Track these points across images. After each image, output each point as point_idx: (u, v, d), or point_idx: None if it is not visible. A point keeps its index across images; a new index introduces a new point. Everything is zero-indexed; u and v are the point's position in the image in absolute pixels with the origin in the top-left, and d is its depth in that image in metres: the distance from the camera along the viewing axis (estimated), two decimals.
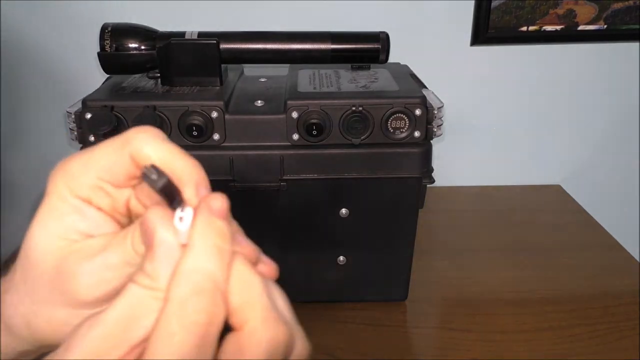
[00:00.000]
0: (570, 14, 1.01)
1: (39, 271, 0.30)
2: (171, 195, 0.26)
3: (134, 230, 0.28)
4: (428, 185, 0.68)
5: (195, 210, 0.26)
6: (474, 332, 0.72)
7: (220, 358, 0.26)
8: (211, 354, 0.25)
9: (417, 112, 0.63)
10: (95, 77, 0.76)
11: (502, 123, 1.11)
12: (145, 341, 0.25)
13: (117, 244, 0.29)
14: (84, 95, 0.64)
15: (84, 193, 0.30)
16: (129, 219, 0.32)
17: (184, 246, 0.25)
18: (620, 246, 0.91)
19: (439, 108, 0.65)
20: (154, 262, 0.25)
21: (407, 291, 0.77)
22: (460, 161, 1.13)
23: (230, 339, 0.26)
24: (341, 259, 0.73)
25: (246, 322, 0.26)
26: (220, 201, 0.26)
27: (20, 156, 1.09)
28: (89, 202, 0.30)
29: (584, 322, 0.73)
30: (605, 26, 1.02)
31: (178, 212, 0.26)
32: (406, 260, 0.74)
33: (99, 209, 0.30)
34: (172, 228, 0.26)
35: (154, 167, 0.26)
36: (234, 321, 0.26)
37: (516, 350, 0.69)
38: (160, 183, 0.26)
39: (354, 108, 0.63)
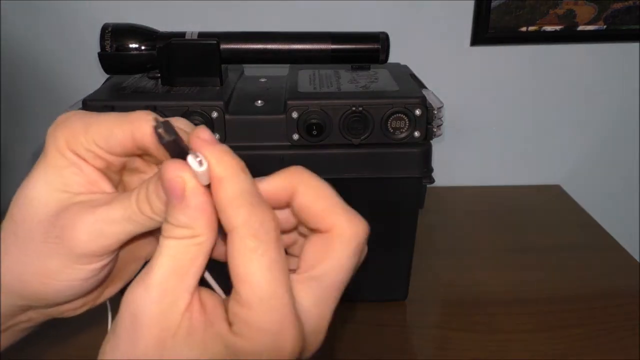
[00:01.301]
0: (570, 14, 1.01)
1: (35, 222, 0.31)
2: (177, 152, 0.27)
3: (139, 189, 0.30)
4: (428, 185, 0.68)
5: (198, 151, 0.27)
6: (474, 332, 0.72)
7: (305, 260, 0.29)
8: (283, 251, 0.27)
9: (417, 112, 0.63)
10: (95, 78, 0.76)
11: (502, 123, 1.11)
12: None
13: (121, 200, 0.30)
14: (85, 96, 0.65)
15: (81, 152, 0.31)
16: (120, 176, 0.34)
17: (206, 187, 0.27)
18: (620, 246, 0.91)
19: (438, 108, 0.65)
20: (188, 212, 0.26)
21: (407, 291, 0.77)
22: (460, 161, 1.13)
23: (315, 240, 0.30)
24: None
25: (334, 224, 0.29)
26: (204, 130, 0.28)
27: (21, 156, 1.09)
28: (84, 160, 0.31)
29: (584, 322, 0.74)
30: (605, 26, 1.02)
31: (191, 159, 0.27)
32: (406, 260, 0.74)
33: (94, 166, 0.32)
34: (195, 177, 0.27)
35: (165, 123, 0.27)
36: (320, 226, 0.29)
37: (516, 350, 0.69)
38: (167, 139, 0.26)
39: (354, 108, 0.63)
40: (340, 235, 0.29)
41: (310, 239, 0.30)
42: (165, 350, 0.26)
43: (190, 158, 0.27)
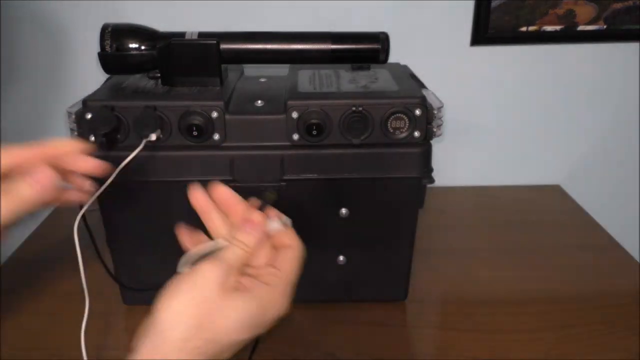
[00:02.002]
0: (570, 14, 1.01)
1: None
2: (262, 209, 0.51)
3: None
4: (428, 185, 0.69)
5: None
6: (474, 332, 0.72)
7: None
8: None
9: (417, 112, 0.64)
10: (95, 77, 0.76)
11: (502, 123, 1.12)
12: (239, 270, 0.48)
13: None
14: (85, 95, 0.65)
15: None
16: None
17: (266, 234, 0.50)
18: (620, 246, 0.92)
19: (438, 108, 0.65)
20: (252, 239, 0.49)
21: (407, 291, 0.77)
22: (460, 161, 1.14)
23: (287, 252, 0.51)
24: (341, 259, 0.73)
25: (290, 245, 0.51)
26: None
27: None
28: None
29: (584, 322, 0.74)
30: (605, 26, 1.03)
31: (278, 221, 0.51)
32: (406, 260, 0.74)
33: None
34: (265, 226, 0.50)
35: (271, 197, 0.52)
36: (287, 242, 0.51)
37: (516, 350, 0.69)
38: (265, 205, 0.52)
39: (354, 108, 0.63)
40: (297, 249, 0.51)
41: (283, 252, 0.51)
42: (225, 293, 0.45)
43: (278, 221, 0.51)
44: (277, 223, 0.50)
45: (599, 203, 1.07)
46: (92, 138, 0.62)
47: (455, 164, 1.13)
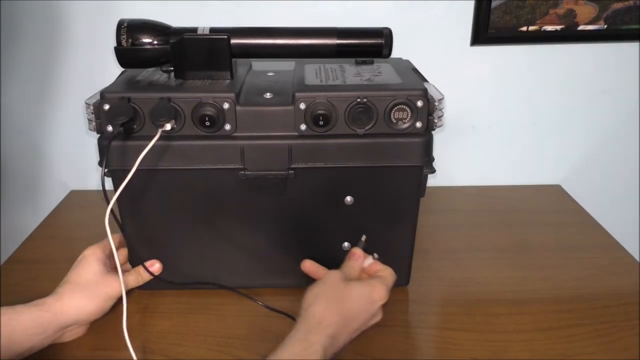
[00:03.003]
0: (570, 14, 1.06)
1: None
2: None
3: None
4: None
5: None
6: (474, 332, 0.77)
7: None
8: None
9: (419, 103, 0.70)
10: (108, 71, 0.82)
11: (502, 123, 1.16)
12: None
13: None
14: (101, 88, 0.71)
15: None
16: None
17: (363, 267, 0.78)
18: (620, 246, 0.96)
19: (439, 100, 0.71)
20: (356, 264, 0.76)
21: (409, 276, 0.82)
22: (460, 161, 1.18)
23: (386, 269, 0.77)
24: (346, 245, 0.79)
25: (384, 269, 0.77)
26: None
27: (21, 157, 1.15)
28: None
29: (584, 322, 0.79)
30: (605, 26, 1.07)
31: (371, 257, 0.78)
32: (408, 246, 0.80)
33: None
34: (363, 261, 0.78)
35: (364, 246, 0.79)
36: (380, 268, 0.77)
37: (516, 350, 0.74)
38: (362, 247, 0.79)
39: (358, 100, 0.69)
40: (391, 274, 0.76)
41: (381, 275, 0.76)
42: (346, 282, 0.71)
43: (372, 256, 0.78)
44: (370, 258, 0.77)
45: (599, 203, 1.11)
46: (110, 128, 0.69)
47: (456, 164, 1.17)
